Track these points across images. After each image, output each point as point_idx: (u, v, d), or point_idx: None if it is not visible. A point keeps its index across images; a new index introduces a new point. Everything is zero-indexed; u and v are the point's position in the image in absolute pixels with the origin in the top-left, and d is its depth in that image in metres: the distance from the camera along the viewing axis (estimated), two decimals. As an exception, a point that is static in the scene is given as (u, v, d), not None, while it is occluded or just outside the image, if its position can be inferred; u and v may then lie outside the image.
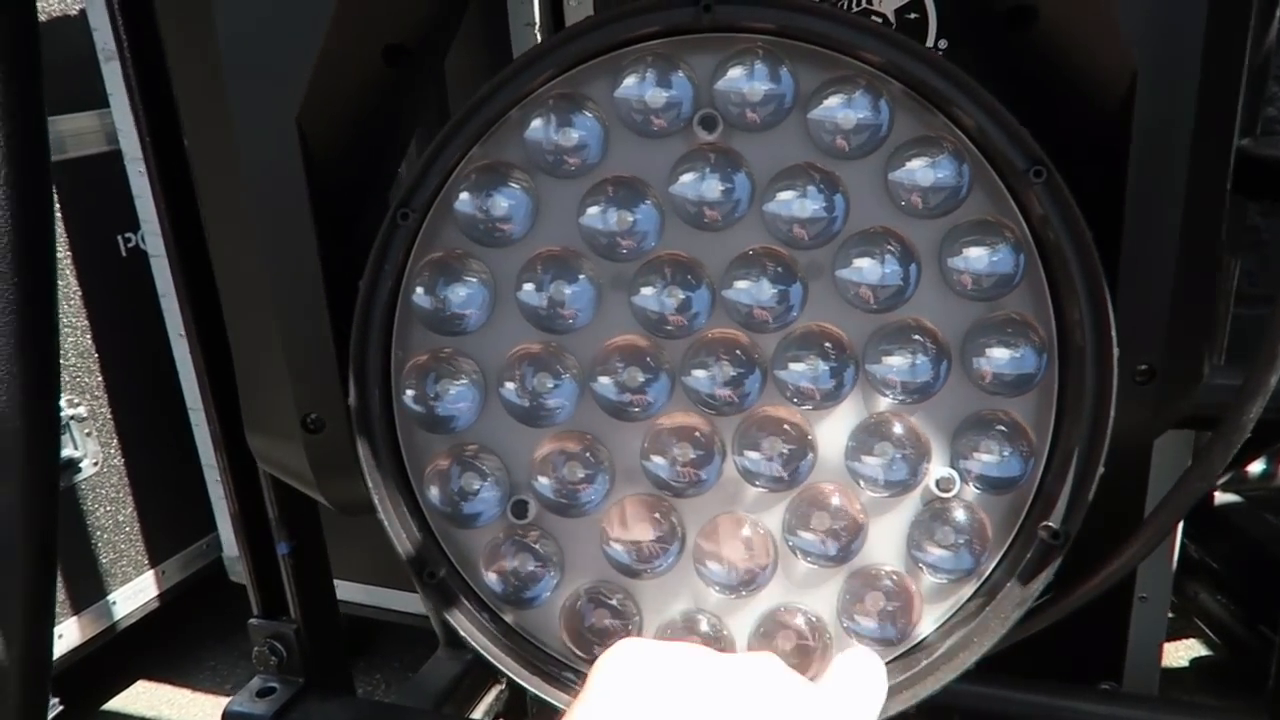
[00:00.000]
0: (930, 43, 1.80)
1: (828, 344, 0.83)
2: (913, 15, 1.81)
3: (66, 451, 2.60)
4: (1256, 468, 2.75)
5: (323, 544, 1.42)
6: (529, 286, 0.83)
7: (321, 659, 1.40)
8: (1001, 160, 0.78)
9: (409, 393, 0.84)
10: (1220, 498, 2.61)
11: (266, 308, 0.85)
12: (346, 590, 2.58)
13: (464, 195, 0.81)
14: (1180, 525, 1.96)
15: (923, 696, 0.78)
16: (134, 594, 2.79)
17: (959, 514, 0.83)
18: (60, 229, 2.59)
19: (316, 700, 1.35)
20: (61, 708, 2.54)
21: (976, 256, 0.81)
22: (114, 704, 2.95)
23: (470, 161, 0.81)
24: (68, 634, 2.59)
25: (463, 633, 0.82)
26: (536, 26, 2.03)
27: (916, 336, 0.82)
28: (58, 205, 2.57)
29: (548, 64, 0.78)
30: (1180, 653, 2.70)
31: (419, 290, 0.83)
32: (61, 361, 2.61)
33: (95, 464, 2.67)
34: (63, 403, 2.59)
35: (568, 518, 0.86)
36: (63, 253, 2.60)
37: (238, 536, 1.37)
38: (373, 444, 0.82)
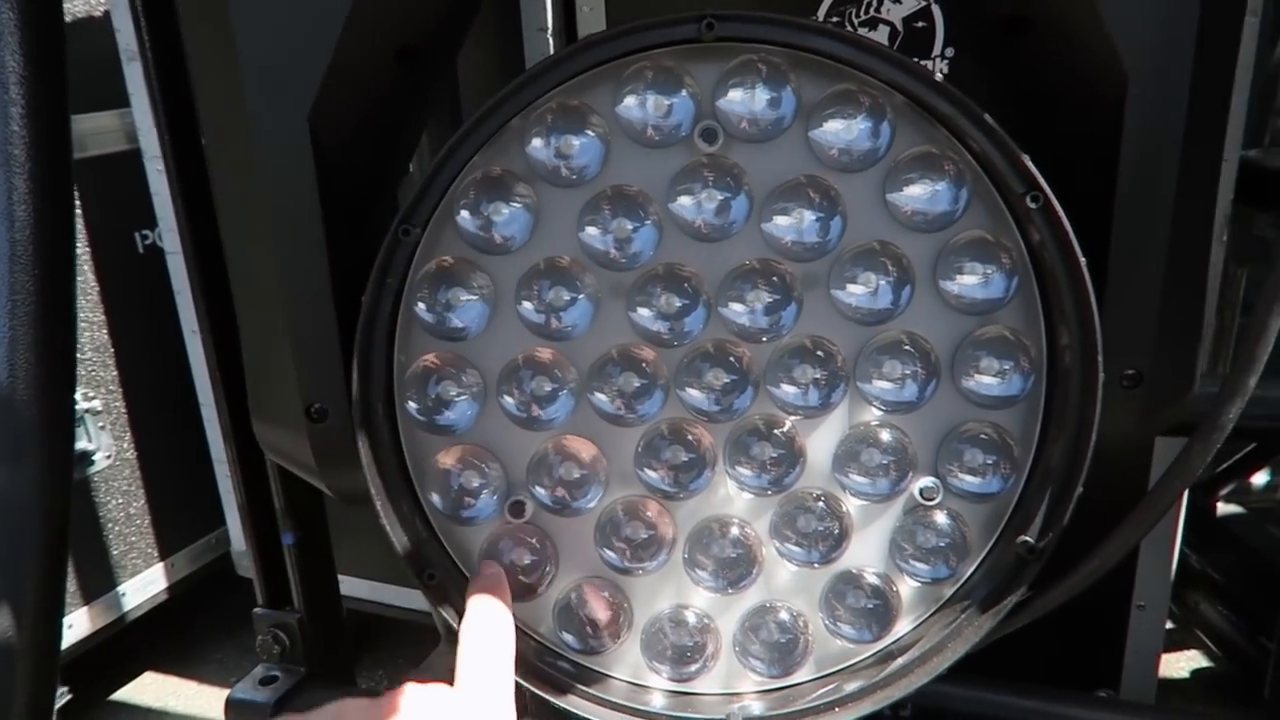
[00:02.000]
0: (938, 50, 1.82)
1: (820, 354, 0.85)
2: (920, 24, 1.83)
3: (80, 444, 2.63)
4: (1260, 479, 2.75)
5: (327, 536, 1.44)
6: (528, 298, 0.85)
7: (324, 649, 1.42)
8: (1000, 180, 0.79)
9: (411, 404, 0.87)
10: (1222, 508, 2.61)
11: (275, 298, 0.88)
12: (350, 585, 2.59)
13: (465, 206, 0.83)
14: (1180, 534, 1.97)
15: (895, 699, 0.80)
16: (143, 586, 2.82)
17: (941, 520, 0.85)
18: (80, 225, 2.63)
19: (318, 690, 1.38)
20: (70, 696, 2.57)
21: (971, 273, 0.83)
22: (121, 694, 2.98)
23: (472, 169, 0.83)
24: (77, 624, 2.62)
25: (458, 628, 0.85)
26: (549, 31, 2.05)
27: (907, 348, 0.84)
28: (78, 202, 2.61)
29: (547, 82, 0.80)
30: (1181, 663, 2.70)
31: (420, 304, 0.85)
32: (78, 356, 2.65)
33: (108, 457, 2.70)
34: (78, 396, 2.62)
35: (563, 517, 0.88)
36: (82, 249, 2.64)
37: (244, 527, 1.40)
38: (374, 443, 0.85)
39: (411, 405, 0.87)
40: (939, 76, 0.76)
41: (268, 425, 0.96)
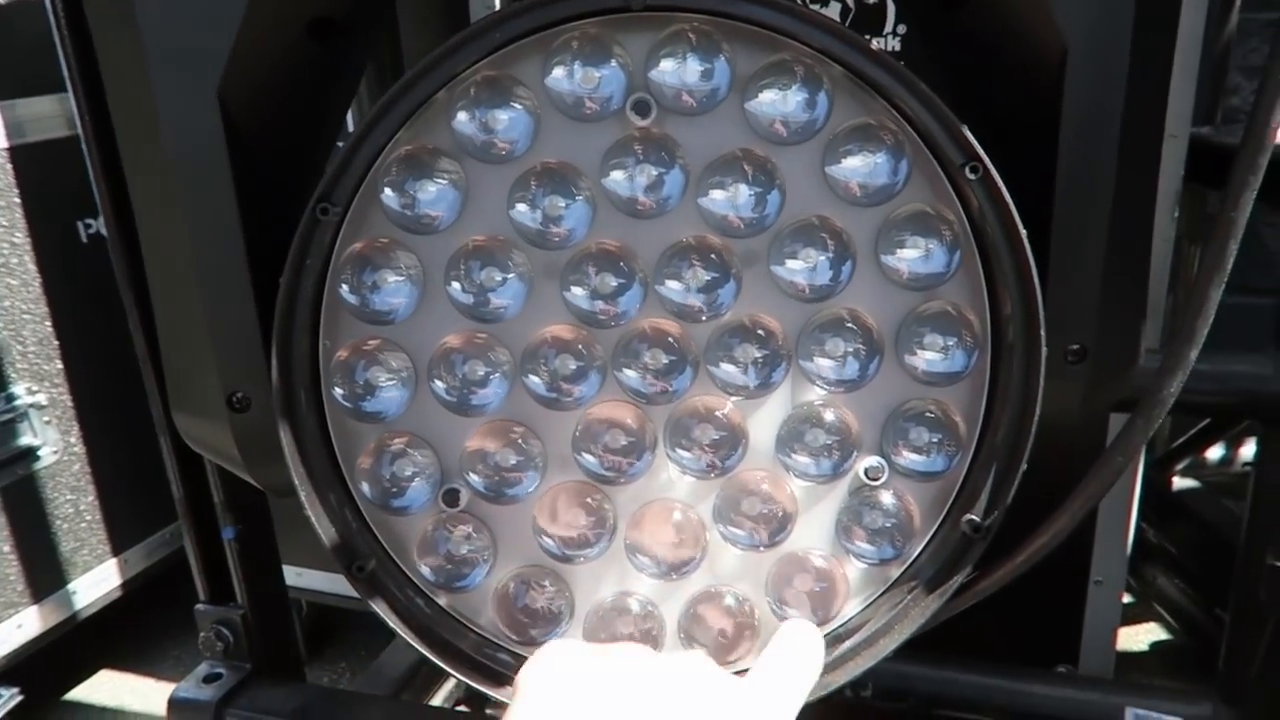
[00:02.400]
0: (890, 27, 1.80)
1: (760, 333, 0.82)
2: (873, 0, 1.81)
3: (25, 440, 2.56)
4: (1215, 453, 2.79)
5: (270, 528, 1.41)
6: (457, 278, 0.82)
7: (270, 644, 1.39)
8: (939, 152, 0.77)
9: (338, 390, 0.83)
10: (1178, 483, 2.64)
11: (191, 282, 0.85)
12: (310, 578, 2.56)
13: (389, 184, 0.80)
14: (1136, 509, 1.98)
15: (841, 682, 0.78)
16: (95, 583, 2.75)
17: (887, 501, 0.83)
18: (20, 215, 2.55)
19: (264, 686, 1.35)
20: (21, 698, 2.51)
21: (912, 246, 0.81)
22: (76, 693, 2.92)
23: (397, 145, 0.79)
24: (27, 623, 2.56)
25: (392, 624, 0.82)
26: (496, 6, 2.01)
27: (850, 326, 0.82)
28: (17, 191, 2.53)
29: (472, 52, 0.76)
30: (1140, 637, 2.73)
31: (344, 286, 0.81)
32: (20, 349, 2.58)
33: (55, 452, 2.63)
34: (21, 390, 2.55)
35: (500, 505, 0.86)
36: (22, 238, 2.56)
37: (183, 521, 1.36)
38: (297, 432, 0.81)
39: (338, 391, 0.83)
40: (890, 51, 0.74)
41: (189, 416, 0.92)
